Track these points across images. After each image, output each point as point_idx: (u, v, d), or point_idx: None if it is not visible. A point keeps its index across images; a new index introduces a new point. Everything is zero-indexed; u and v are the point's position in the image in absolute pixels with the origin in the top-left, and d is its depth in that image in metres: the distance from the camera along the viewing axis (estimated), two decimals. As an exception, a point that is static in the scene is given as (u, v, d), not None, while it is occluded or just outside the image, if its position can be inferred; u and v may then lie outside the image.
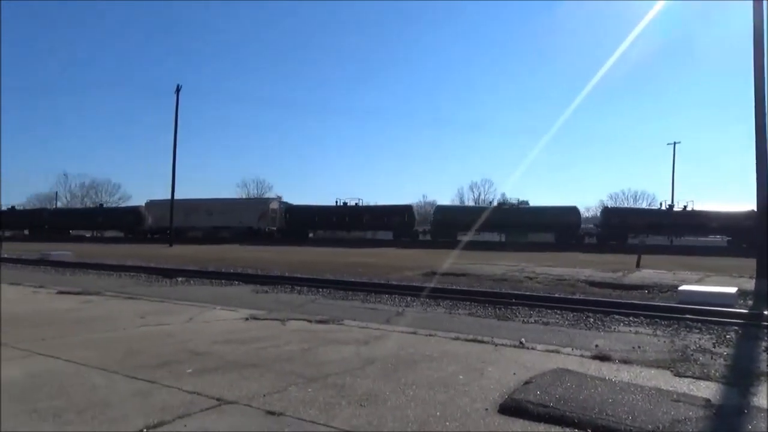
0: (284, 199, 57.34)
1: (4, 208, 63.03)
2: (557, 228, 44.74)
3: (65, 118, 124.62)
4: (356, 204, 48.60)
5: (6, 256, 25.62)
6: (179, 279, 13.95)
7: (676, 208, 44.51)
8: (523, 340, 5.79)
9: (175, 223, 47.21)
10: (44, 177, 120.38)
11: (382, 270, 18.51)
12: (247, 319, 7.24)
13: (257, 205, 52.63)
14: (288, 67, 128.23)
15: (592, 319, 8.36)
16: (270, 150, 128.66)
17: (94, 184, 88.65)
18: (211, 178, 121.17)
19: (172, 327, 6.52)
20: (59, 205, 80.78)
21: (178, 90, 42.55)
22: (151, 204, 54.94)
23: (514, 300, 10.01)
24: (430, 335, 6.09)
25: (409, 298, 10.29)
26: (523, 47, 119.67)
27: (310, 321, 7.05)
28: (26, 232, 59.65)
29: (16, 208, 65.41)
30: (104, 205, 68.53)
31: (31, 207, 72.86)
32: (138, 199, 70.09)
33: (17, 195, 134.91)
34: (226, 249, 33.37)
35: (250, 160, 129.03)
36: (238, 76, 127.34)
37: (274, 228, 50.11)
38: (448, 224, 45.74)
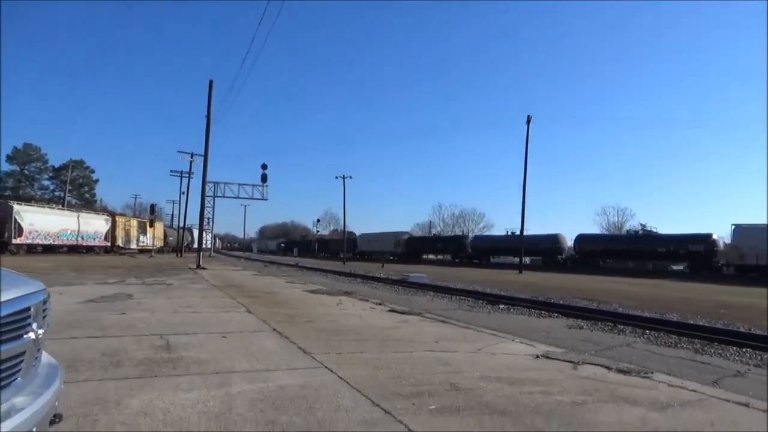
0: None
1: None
2: (541, 253, 55.61)
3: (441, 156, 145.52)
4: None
5: (382, 275, 30.48)
6: (501, 306, 13.93)
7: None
8: None
9: (361, 248, 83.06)
10: (425, 208, 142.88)
11: (755, 314, 14.87)
12: (537, 356, 6.57)
13: (395, 236, 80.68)
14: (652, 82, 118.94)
15: None
16: (633, 175, 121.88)
17: (462, 213, 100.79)
18: (566, 204, 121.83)
19: (454, 355, 6.37)
20: (434, 232, 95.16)
21: (528, 121, 43.87)
22: (361, 236, 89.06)
23: None
24: (768, 412, 4.33)
25: (766, 355, 7.75)
26: None
27: (608, 368, 5.94)
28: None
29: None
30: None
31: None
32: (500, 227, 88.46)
33: (406, 223, 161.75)
34: (575, 279, 32.26)
35: (611, 186, 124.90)
36: (595, 97, 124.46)
37: (403, 251, 75.69)
38: (480, 250, 65.97)
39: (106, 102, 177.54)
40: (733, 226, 44.70)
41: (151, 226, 61.06)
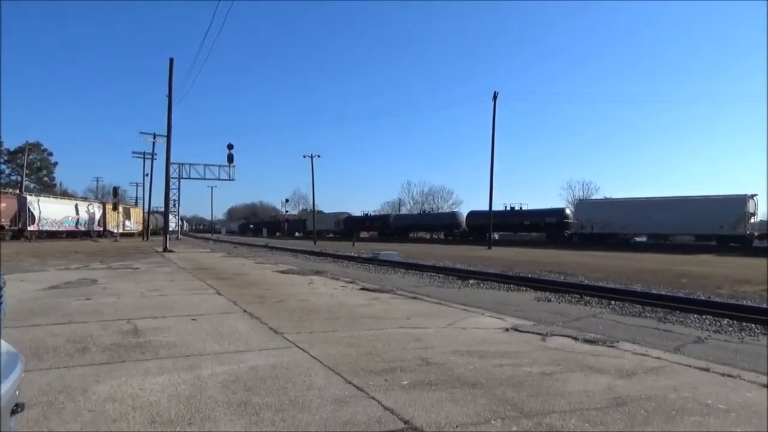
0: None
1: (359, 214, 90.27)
2: (444, 228, 68.60)
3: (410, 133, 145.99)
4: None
5: (353, 254, 30.45)
6: (470, 281, 14.12)
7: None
8: None
9: (309, 227, 78.28)
10: (396, 186, 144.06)
11: (713, 282, 15.44)
12: (507, 329, 6.68)
13: (335, 216, 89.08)
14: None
15: None
16: (598, 149, 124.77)
17: (431, 191, 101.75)
18: (535, 179, 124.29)
19: (425, 331, 6.43)
20: (403, 210, 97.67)
21: (495, 97, 44.09)
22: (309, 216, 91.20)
23: None
24: (728, 375, 4.50)
25: (725, 321, 8.05)
26: None
27: (575, 339, 6.09)
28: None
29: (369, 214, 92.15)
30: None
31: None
32: (468, 204, 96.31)
33: (372, 203, 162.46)
34: (543, 253, 32.86)
35: (575, 161, 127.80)
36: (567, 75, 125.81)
37: (341, 229, 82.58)
38: (400, 227, 75.06)
39: (64, 82, 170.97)
40: (576, 201, 52.05)
41: (115, 209, 61.58)
